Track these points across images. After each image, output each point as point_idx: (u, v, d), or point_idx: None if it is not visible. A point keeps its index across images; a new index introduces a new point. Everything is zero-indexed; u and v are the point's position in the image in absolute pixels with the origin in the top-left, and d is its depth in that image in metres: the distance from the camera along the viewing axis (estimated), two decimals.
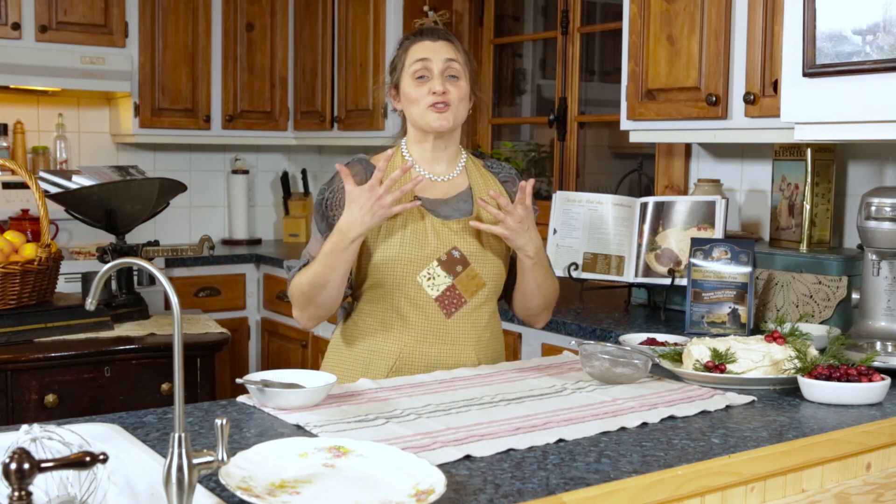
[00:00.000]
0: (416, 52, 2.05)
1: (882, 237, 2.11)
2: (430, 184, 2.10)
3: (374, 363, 2.04)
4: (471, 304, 2.05)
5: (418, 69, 2.03)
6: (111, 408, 2.65)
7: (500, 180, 2.16)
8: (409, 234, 2.02)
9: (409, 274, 2.01)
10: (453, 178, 2.12)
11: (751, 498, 1.50)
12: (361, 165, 2.09)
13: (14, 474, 1.02)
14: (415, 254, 2.01)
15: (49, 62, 4.07)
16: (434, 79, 2.02)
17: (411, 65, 2.04)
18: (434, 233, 2.03)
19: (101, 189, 2.97)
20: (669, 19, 2.81)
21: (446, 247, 2.02)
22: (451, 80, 2.04)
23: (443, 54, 2.04)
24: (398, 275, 2.01)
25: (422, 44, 2.07)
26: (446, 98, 2.02)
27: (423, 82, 2.03)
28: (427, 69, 2.03)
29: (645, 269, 2.86)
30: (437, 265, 2.01)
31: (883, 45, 1.91)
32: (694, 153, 3.29)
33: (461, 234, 2.05)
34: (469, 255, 2.03)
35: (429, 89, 2.02)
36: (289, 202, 5.01)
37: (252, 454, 1.34)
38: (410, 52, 2.06)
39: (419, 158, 2.11)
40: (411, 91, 2.04)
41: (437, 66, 2.03)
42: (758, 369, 1.89)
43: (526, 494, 1.27)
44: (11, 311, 2.69)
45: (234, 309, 4.47)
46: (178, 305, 1.17)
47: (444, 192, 2.10)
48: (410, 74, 2.04)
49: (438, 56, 2.04)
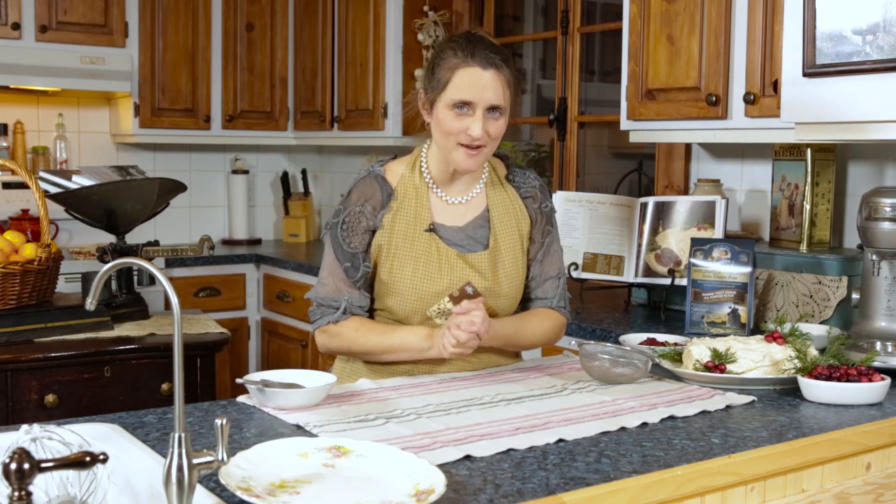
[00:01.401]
0: (463, 85, 1.87)
1: (882, 237, 2.11)
2: (447, 206, 2.00)
3: (383, 375, 2.00)
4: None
5: (458, 103, 1.88)
6: (111, 408, 2.65)
7: (521, 195, 2.05)
8: (422, 267, 1.94)
9: (419, 309, 1.95)
10: (471, 199, 2.01)
11: (751, 498, 1.50)
12: (378, 184, 1.98)
13: (14, 474, 1.02)
14: (426, 289, 1.94)
15: (49, 62, 4.07)
16: (475, 119, 1.87)
17: (453, 96, 1.88)
18: (448, 267, 1.95)
19: (101, 189, 2.96)
20: (669, 19, 2.82)
21: (459, 282, 1.93)
22: (490, 117, 1.89)
23: (489, 95, 1.87)
24: (408, 308, 1.95)
25: (471, 71, 1.87)
26: (482, 142, 1.89)
27: (461, 115, 1.88)
28: (470, 107, 1.88)
29: (645, 269, 2.86)
30: (448, 301, 1.91)
31: (883, 45, 1.91)
32: (694, 153, 3.29)
33: (478, 268, 1.96)
34: (483, 289, 1.95)
35: (466, 127, 1.87)
36: (289, 202, 5.01)
37: (252, 454, 1.34)
38: (457, 76, 1.88)
39: (437, 176, 2.00)
40: (447, 123, 1.89)
41: (481, 106, 1.87)
42: (758, 369, 1.89)
43: (526, 494, 1.27)
44: (11, 311, 2.69)
45: (234, 309, 4.47)
46: (178, 305, 1.17)
47: (461, 216, 2.00)
48: (449, 104, 1.88)
49: (485, 97, 1.87)
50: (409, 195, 1.98)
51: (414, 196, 1.98)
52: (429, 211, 1.98)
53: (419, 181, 2.00)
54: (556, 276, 2.09)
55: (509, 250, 2.01)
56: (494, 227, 2.01)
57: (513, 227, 2.03)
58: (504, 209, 2.03)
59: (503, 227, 2.02)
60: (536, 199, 2.07)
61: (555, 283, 2.08)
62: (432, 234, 1.96)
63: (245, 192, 4.95)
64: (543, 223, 2.07)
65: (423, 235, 1.96)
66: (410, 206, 1.98)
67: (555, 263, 2.09)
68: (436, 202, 2.00)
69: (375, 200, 1.97)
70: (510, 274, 2.01)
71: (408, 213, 1.97)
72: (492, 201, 2.03)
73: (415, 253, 1.95)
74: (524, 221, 2.05)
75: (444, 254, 1.95)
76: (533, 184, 2.08)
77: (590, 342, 1.98)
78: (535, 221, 2.06)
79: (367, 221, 1.97)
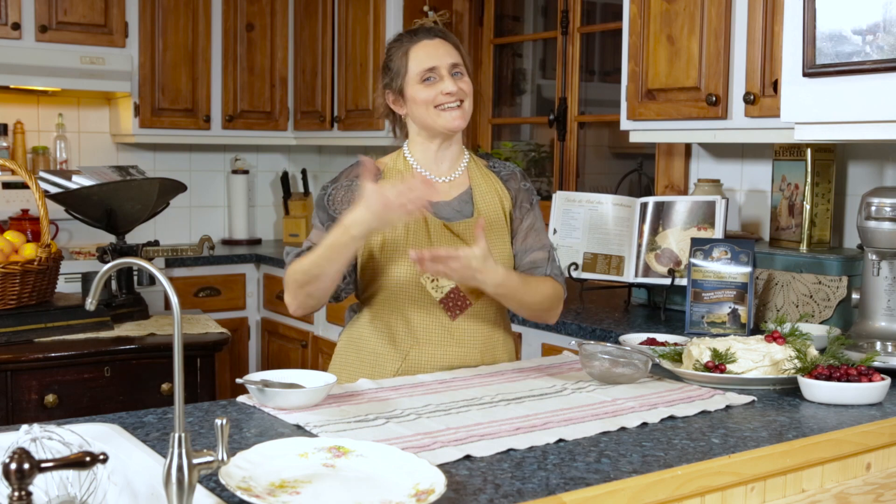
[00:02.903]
0: (420, 57, 2.04)
1: (882, 237, 2.11)
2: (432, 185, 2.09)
3: (381, 365, 2.04)
4: (477, 306, 2.05)
5: (425, 74, 2.03)
6: (111, 408, 2.65)
7: (501, 179, 2.16)
8: (412, 236, 2.02)
9: (413, 276, 2.01)
10: (455, 179, 2.12)
11: (751, 498, 1.50)
12: None
13: (14, 474, 1.02)
14: None
15: (49, 62, 4.07)
16: (444, 80, 2.02)
17: (416, 69, 2.03)
18: (436, 235, 2.03)
19: (101, 189, 2.96)
20: (669, 19, 2.81)
21: None
22: (458, 77, 2.05)
23: (446, 57, 2.04)
24: (401, 277, 2.02)
25: (422, 45, 2.05)
26: (460, 96, 2.03)
27: (431, 84, 2.03)
28: (435, 72, 2.03)
29: (645, 269, 2.86)
30: None
31: (883, 45, 1.91)
32: (694, 153, 3.29)
33: (463, 235, 2.04)
34: None
35: (440, 90, 2.02)
36: (289, 202, 5.01)
37: (252, 454, 1.34)
38: (412, 55, 2.05)
39: (422, 160, 2.12)
40: (421, 95, 2.03)
41: (444, 67, 2.03)
42: (758, 369, 1.89)
43: (526, 494, 1.27)
44: (11, 311, 2.69)
45: (234, 309, 4.47)
46: (178, 305, 1.18)
47: (445, 192, 2.10)
48: (416, 79, 2.03)
49: (444, 60, 2.04)
50: (396, 178, 2.08)
51: (401, 178, 2.07)
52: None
53: (404, 166, 2.11)
54: (542, 247, 2.12)
55: (494, 222, 2.08)
56: (477, 202, 2.10)
57: (496, 203, 2.12)
58: (486, 187, 2.13)
59: (486, 202, 2.11)
60: (516, 180, 2.17)
61: (543, 253, 2.11)
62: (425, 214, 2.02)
63: (245, 192, 4.95)
64: (522, 200, 2.14)
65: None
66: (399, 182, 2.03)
67: (540, 238, 2.13)
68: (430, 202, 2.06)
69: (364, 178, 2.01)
70: (496, 243, 2.06)
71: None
72: (474, 182, 2.13)
73: (404, 224, 2.02)
74: (506, 199, 2.14)
75: (431, 223, 2.04)
76: (512, 168, 2.20)
77: (590, 342, 1.98)
78: (515, 199, 2.14)
79: (355, 195, 1.98)
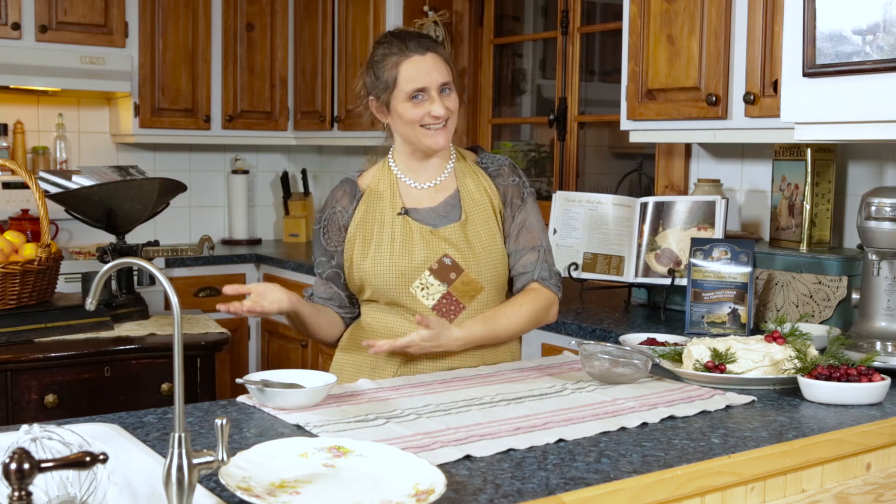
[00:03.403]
0: (411, 75, 2.00)
1: (882, 237, 2.11)
2: (417, 192, 2.10)
3: (381, 366, 2.05)
4: (471, 309, 2.04)
5: (414, 93, 2.00)
6: (111, 408, 2.64)
7: (490, 175, 2.13)
8: (398, 245, 2.03)
9: (402, 286, 2.02)
10: (441, 183, 2.11)
11: (751, 498, 1.50)
12: (347, 187, 2.13)
13: (14, 474, 1.02)
14: (405, 265, 2.01)
15: (49, 62, 4.07)
16: (434, 101, 2.00)
17: (406, 88, 2.00)
18: (423, 242, 2.03)
19: (101, 189, 2.96)
20: (669, 19, 2.82)
21: (436, 255, 2.02)
22: (444, 94, 2.03)
23: (437, 76, 2.01)
24: (391, 287, 2.02)
25: (413, 62, 2.00)
26: (445, 116, 2.02)
27: (419, 103, 2.01)
28: (424, 92, 2.01)
29: (645, 269, 2.86)
30: (429, 274, 2.01)
31: (883, 45, 1.91)
32: (694, 153, 3.29)
33: (451, 240, 2.04)
34: (461, 261, 2.02)
35: (428, 112, 2.00)
36: (289, 202, 5.01)
37: (252, 454, 1.34)
38: (402, 71, 2.00)
39: (405, 168, 2.12)
40: (409, 114, 2.01)
41: (434, 88, 2.01)
42: (758, 369, 1.89)
43: (526, 494, 1.27)
44: (11, 311, 2.69)
45: None
46: (178, 305, 1.18)
47: (431, 198, 2.10)
48: (405, 97, 2.01)
49: (434, 80, 2.00)
50: (382, 188, 2.10)
51: (387, 189, 2.10)
52: (400, 198, 2.09)
53: (389, 175, 2.12)
54: (533, 247, 2.09)
55: (483, 223, 2.07)
56: (465, 204, 2.08)
57: (485, 203, 2.10)
58: (474, 187, 2.11)
59: (474, 203, 2.09)
60: (505, 176, 2.13)
61: (533, 255, 2.09)
62: (405, 216, 2.06)
63: (245, 192, 4.95)
64: (513, 197, 2.11)
65: (397, 219, 2.06)
66: (383, 198, 2.09)
67: (532, 236, 2.10)
68: (407, 190, 2.11)
69: (345, 201, 2.10)
70: (486, 244, 2.05)
71: (381, 203, 2.09)
72: (461, 182, 2.11)
73: (391, 235, 2.04)
74: (495, 197, 2.11)
75: (417, 231, 2.04)
76: (501, 162, 2.16)
77: (590, 342, 1.98)
78: (505, 197, 2.12)
79: (340, 220, 2.10)
